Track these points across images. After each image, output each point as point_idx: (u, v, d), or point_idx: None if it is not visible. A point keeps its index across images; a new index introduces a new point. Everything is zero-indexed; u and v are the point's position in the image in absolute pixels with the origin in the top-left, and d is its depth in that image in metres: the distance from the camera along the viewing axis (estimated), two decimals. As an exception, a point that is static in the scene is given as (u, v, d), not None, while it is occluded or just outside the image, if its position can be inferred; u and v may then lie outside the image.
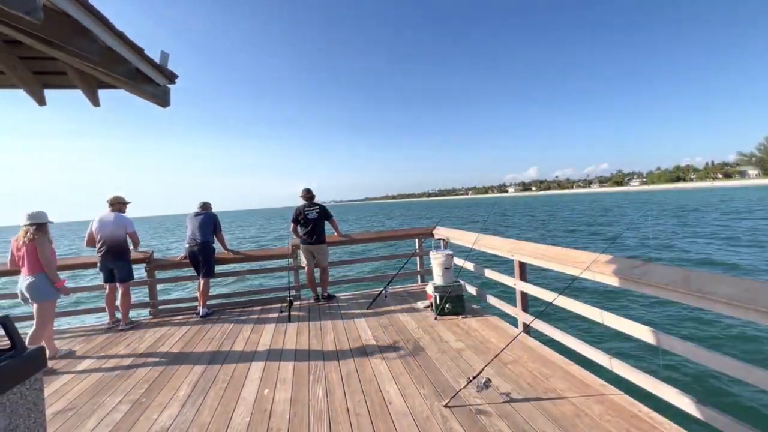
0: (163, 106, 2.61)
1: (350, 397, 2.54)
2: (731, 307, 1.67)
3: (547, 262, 3.07)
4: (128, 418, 2.48)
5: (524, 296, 3.52)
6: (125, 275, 4.55)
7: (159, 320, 4.76)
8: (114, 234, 4.48)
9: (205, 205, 5.05)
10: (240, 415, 2.43)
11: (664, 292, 2.03)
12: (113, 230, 4.48)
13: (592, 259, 2.58)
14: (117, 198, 4.70)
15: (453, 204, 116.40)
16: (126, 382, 3.03)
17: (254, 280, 11.25)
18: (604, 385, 2.50)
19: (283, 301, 5.07)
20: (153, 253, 5.06)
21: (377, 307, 4.65)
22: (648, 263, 2.22)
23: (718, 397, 3.90)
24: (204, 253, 4.75)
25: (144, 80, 2.42)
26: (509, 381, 2.63)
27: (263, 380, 2.90)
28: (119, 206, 4.69)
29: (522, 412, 2.25)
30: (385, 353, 3.26)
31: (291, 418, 2.35)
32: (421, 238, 5.73)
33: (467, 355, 3.11)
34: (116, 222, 4.53)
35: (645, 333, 2.19)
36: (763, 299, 1.54)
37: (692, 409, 1.96)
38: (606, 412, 2.19)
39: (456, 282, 4.25)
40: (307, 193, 5.26)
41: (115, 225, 4.51)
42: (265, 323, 4.33)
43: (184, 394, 2.75)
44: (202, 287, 4.78)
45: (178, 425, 2.35)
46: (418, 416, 2.27)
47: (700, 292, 1.80)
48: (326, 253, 5.22)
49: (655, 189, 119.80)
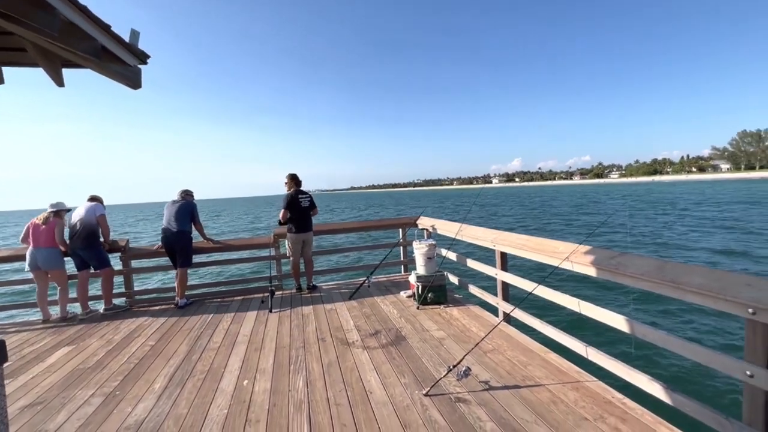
0: (134, 88, 2.47)
1: (331, 387, 2.53)
2: (702, 296, 1.71)
3: (527, 252, 3.10)
4: (101, 412, 2.41)
5: (505, 286, 3.57)
6: (101, 263, 4.53)
7: (135, 311, 4.64)
8: (83, 222, 4.43)
9: (185, 193, 4.90)
10: (218, 406, 2.39)
11: (639, 282, 2.07)
12: (83, 218, 4.44)
13: (571, 249, 2.61)
14: (93, 196, 4.77)
15: (440, 194, 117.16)
16: (99, 375, 2.93)
17: (235, 270, 11.09)
18: (580, 372, 2.56)
19: (264, 291, 5.00)
20: (128, 242, 4.90)
21: (360, 297, 4.64)
22: (624, 254, 2.26)
23: (686, 383, 4.08)
24: (180, 243, 4.63)
25: (112, 59, 2.28)
26: (489, 369, 2.67)
27: (242, 371, 2.86)
28: (92, 201, 4.71)
29: (500, 399, 2.29)
30: (367, 343, 3.25)
31: (270, 409, 2.33)
32: (406, 227, 5.72)
33: (448, 344, 3.14)
34: (87, 210, 4.52)
35: (620, 321, 2.24)
36: (732, 289, 1.59)
37: (662, 395, 2.02)
38: (581, 399, 2.24)
39: (439, 272, 4.27)
40: (296, 180, 5.10)
41: (85, 212, 4.49)
42: (246, 313, 4.27)
43: (160, 387, 2.69)
44: (179, 277, 4.66)
45: (153, 418, 2.30)
46: (398, 405, 2.28)
47: (673, 282, 1.84)
48: (313, 243, 5.16)
49: (633, 181, 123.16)
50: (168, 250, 4.72)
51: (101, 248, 4.56)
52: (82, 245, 4.39)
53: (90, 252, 4.45)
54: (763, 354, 1.54)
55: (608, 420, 2.03)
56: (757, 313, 1.50)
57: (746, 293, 1.53)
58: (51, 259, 4.31)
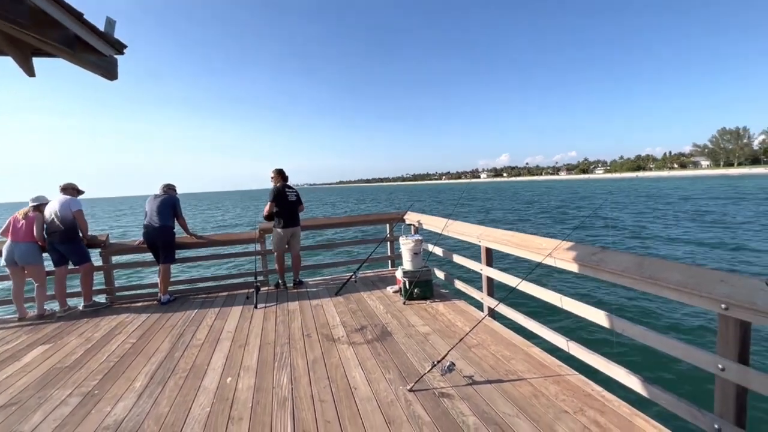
0: (110, 79, 2.39)
1: (315, 384, 2.53)
2: (678, 292, 1.75)
3: (512, 248, 3.13)
4: (78, 412, 2.35)
5: (490, 281, 3.60)
6: (80, 258, 4.42)
7: (116, 308, 4.54)
8: (59, 216, 4.28)
9: (167, 187, 4.80)
10: (200, 405, 2.36)
11: (619, 278, 2.11)
12: (59, 212, 4.29)
13: (554, 245, 2.64)
14: (71, 184, 4.57)
15: (431, 189, 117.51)
16: (77, 374, 2.86)
17: (220, 265, 10.95)
18: (561, 366, 2.61)
19: (249, 286, 4.94)
20: (108, 237, 4.77)
21: (347, 293, 4.63)
22: (605, 250, 2.29)
23: (663, 375, 4.20)
24: (163, 238, 4.54)
25: (86, 49, 2.20)
26: (473, 364, 2.69)
27: (226, 368, 2.82)
28: (72, 191, 4.53)
29: (483, 393, 2.31)
30: (353, 339, 3.25)
31: (254, 406, 2.31)
32: (393, 223, 5.72)
33: (433, 340, 3.16)
34: (62, 203, 4.36)
35: (600, 317, 2.28)
36: (706, 285, 1.63)
37: (639, 388, 2.07)
38: (561, 392, 2.29)
39: (425, 267, 4.29)
40: (282, 174, 5.04)
41: (61, 206, 4.33)
42: (231, 310, 4.22)
43: (140, 385, 2.64)
44: (162, 273, 4.58)
45: (134, 417, 2.26)
46: (382, 401, 2.28)
47: (651, 278, 1.88)
48: (300, 237, 5.12)
49: (617, 177, 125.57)
50: (150, 246, 4.62)
51: (81, 243, 4.45)
52: (60, 240, 4.26)
53: (69, 247, 4.33)
54: (735, 348, 1.59)
55: (587, 413, 2.08)
56: (729, 309, 1.54)
57: (720, 289, 1.57)
58: (28, 254, 4.17)
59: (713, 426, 1.65)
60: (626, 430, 1.92)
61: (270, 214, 4.86)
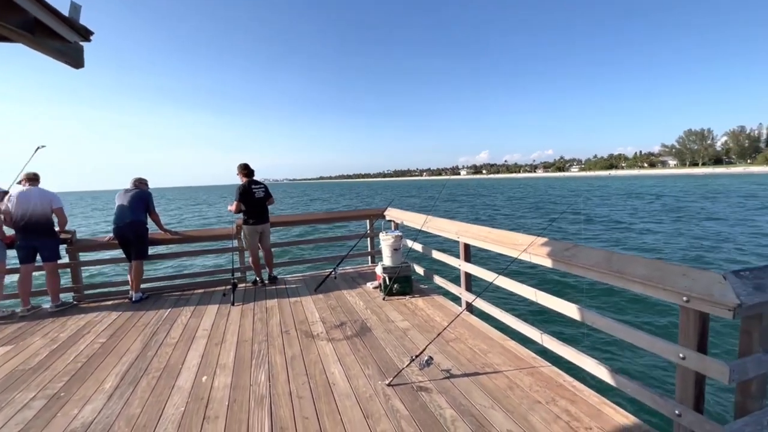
0: (75, 67, 2.27)
1: (293, 381, 2.51)
2: (643, 285, 1.84)
3: (489, 244, 3.19)
4: (43, 415, 2.25)
5: (468, 276, 3.66)
6: (53, 254, 4.21)
7: (84, 307, 4.35)
8: (38, 209, 4.05)
9: (139, 181, 4.62)
10: (174, 405, 2.30)
11: (590, 273, 2.19)
12: (38, 203, 4.06)
13: (530, 241, 2.71)
14: (34, 173, 4.27)
15: (413, 185, 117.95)
16: (42, 376, 2.74)
17: (197, 262, 10.67)
18: (535, 358, 2.70)
19: (226, 283, 4.85)
20: (75, 233, 4.56)
21: (326, 289, 4.61)
22: (577, 246, 2.37)
23: (629, 365, 4.40)
24: (135, 233, 4.37)
25: (49, 35, 2.07)
26: (450, 358, 2.74)
27: (201, 367, 2.76)
28: (36, 182, 4.26)
29: (460, 386, 2.36)
30: (332, 335, 3.24)
31: (230, 405, 2.27)
32: (373, 219, 5.72)
33: (412, 335, 3.19)
34: (41, 196, 4.11)
35: (572, 310, 2.36)
36: (669, 279, 1.71)
37: (608, 377, 2.16)
38: (535, 383, 2.36)
39: (405, 263, 4.31)
40: (248, 170, 4.95)
41: (40, 199, 4.08)
42: (207, 307, 4.12)
43: (110, 386, 2.55)
44: (134, 270, 4.42)
45: (102, 419, 2.18)
46: (361, 396, 2.29)
47: (619, 272, 1.96)
48: (270, 233, 5.06)
49: (592, 175, 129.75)
50: (122, 242, 4.45)
51: (58, 237, 4.28)
52: (38, 237, 4.07)
53: (47, 242, 4.15)
54: (695, 338, 1.68)
55: (559, 402, 2.15)
56: (690, 301, 1.63)
57: (681, 283, 1.66)
58: None
59: (674, 411, 1.74)
60: (595, 417, 2.01)
61: (239, 210, 4.82)
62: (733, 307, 1.44)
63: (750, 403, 1.59)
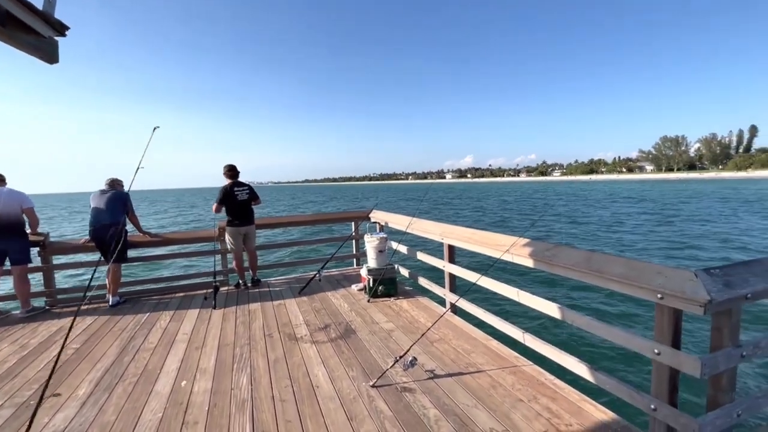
0: (50, 62, 2.19)
1: (276, 384, 2.47)
2: (621, 284, 1.89)
3: (473, 245, 3.22)
4: (11, 424, 2.16)
5: (452, 278, 3.69)
6: (23, 256, 4.03)
7: (56, 312, 4.19)
8: (7, 209, 3.89)
9: (113, 182, 4.48)
10: (151, 410, 2.23)
11: (570, 272, 2.23)
12: (7, 203, 3.90)
13: (512, 242, 2.75)
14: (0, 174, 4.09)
15: (399, 188, 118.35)
16: (10, 384, 2.62)
17: (177, 264, 10.42)
18: (518, 357, 2.73)
19: (208, 287, 4.73)
20: (49, 235, 4.39)
21: (311, 291, 4.57)
22: (558, 246, 2.42)
23: (607, 361, 4.50)
24: (113, 236, 4.24)
25: (22, 29, 2.00)
26: (434, 358, 2.75)
27: (181, 372, 2.69)
28: (2, 183, 4.09)
29: (444, 386, 2.37)
30: (316, 337, 3.21)
31: (210, 409, 2.22)
32: (358, 221, 5.70)
33: (397, 336, 3.18)
34: (9, 195, 3.95)
35: (553, 309, 2.41)
36: (645, 277, 1.76)
37: (587, 375, 2.20)
38: (517, 382, 2.39)
39: (389, 265, 4.31)
40: (232, 171, 4.88)
41: (9, 198, 3.92)
42: (187, 311, 4.02)
43: (84, 393, 2.46)
44: (111, 273, 4.28)
45: (75, 427, 2.10)
46: (345, 398, 2.28)
47: (598, 271, 2.00)
48: (255, 235, 4.99)
49: (573, 179, 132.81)
50: (98, 244, 4.30)
51: (28, 239, 4.10)
52: (7, 238, 3.90)
53: (18, 243, 3.98)
54: (669, 334, 1.73)
55: (540, 400, 2.19)
56: (664, 298, 1.68)
57: (656, 281, 1.71)
58: None
59: (650, 406, 1.79)
60: (575, 414, 2.05)
61: (219, 211, 4.76)
62: (704, 303, 1.49)
63: (721, 396, 1.65)
